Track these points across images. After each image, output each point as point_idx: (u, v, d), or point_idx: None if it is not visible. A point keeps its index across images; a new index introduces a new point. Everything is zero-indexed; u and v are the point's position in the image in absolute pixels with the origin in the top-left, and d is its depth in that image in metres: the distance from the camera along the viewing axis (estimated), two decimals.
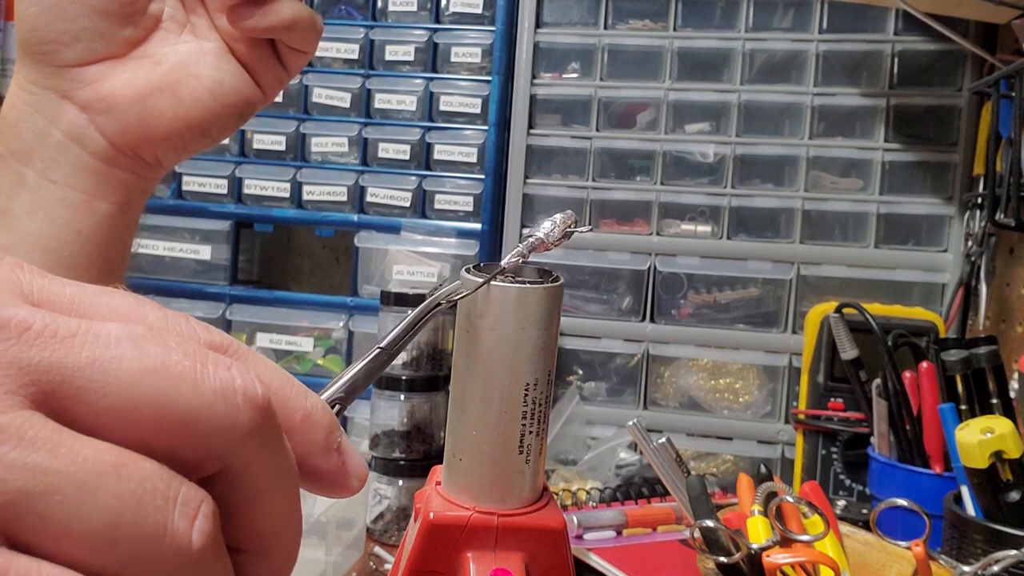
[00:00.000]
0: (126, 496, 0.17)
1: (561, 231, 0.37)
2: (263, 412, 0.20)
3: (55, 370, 0.17)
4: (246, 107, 0.44)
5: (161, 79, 0.42)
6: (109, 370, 0.18)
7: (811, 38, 1.14)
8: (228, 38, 0.43)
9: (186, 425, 0.19)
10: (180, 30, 0.43)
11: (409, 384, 1.00)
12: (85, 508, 0.17)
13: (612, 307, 1.19)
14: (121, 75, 0.42)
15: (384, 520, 0.97)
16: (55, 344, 0.18)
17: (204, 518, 0.18)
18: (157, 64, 0.42)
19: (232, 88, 0.43)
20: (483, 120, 1.21)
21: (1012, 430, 0.69)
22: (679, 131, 1.17)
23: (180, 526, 0.18)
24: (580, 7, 1.20)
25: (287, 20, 0.42)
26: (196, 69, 0.42)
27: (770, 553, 0.56)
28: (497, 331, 0.36)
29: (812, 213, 1.14)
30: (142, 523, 0.17)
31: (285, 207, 1.26)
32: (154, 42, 0.43)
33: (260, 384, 0.20)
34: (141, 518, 0.17)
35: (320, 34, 0.44)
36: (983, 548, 0.68)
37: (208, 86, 0.42)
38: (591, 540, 0.81)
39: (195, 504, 0.18)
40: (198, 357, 0.19)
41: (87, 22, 0.41)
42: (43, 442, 0.17)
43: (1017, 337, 1.01)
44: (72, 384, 0.18)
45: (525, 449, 0.37)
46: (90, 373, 0.18)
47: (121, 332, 0.18)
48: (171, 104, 0.42)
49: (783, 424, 1.13)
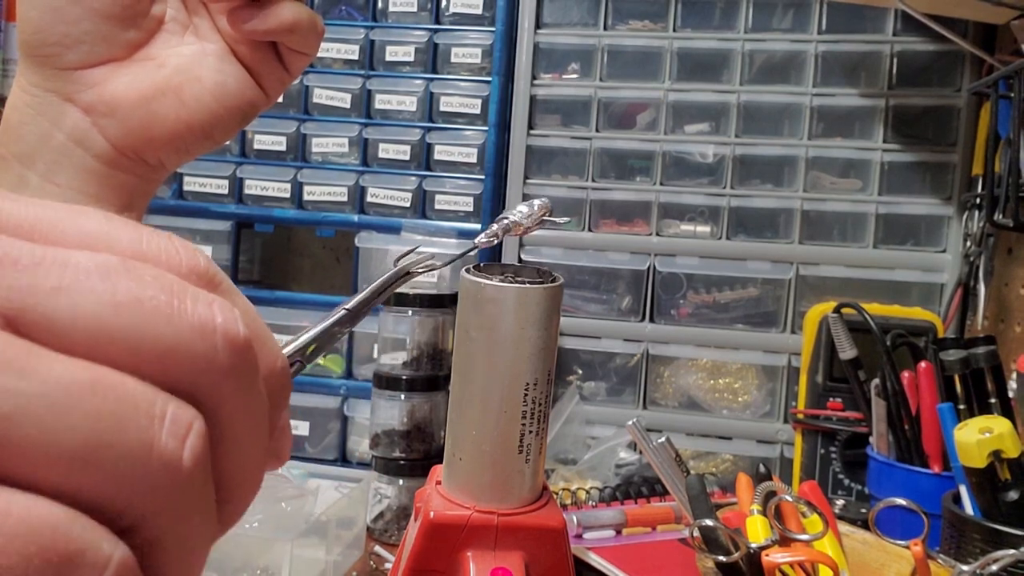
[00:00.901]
0: (104, 414, 0.16)
1: (537, 218, 0.37)
2: (242, 353, 0.19)
3: (16, 298, 0.16)
4: (249, 109, 0.44)
5: (164, 81, 0.42)
6: (77, 301, 0.17)
7: (810, 39, 1.14)
8: (230, 40, 0.43)
9: (161, 360, 0.17)
10: (183, 32, 0.44)
11: (409, 384, 1.00)
12: (58, 429, 0.16)
13: (612, 307, 1.19)
14: (124, 78, 0.42)
15: (384, 519, 0.97)
16: (15, 273, 0.16)
17: (196, 436, 0.17)
18: (160, 66, 0.42)
19: (234, 90, 0.43)
20: (483, 121, 1.21)
21: (1010, 430, 0.69)
22: (679, 131, 1.17)
23: (169, 445, 0.17)
24: (580, 8, 1.20)
25: (287, 23, 0.42)
26: (199, 71, 0.42)
27: (769, 552, 0.56)
28: (497, 331, 0.36)
29: (811, 213, 1.14)
30: (124, 442, 0.16)
31: (286, 207, 1.26)
32: (157, 44, 0.43)
33: (243, 324, 0.19)
34: (123, 437, 0.16)
35: (321, 35, 0.44)
36: (981, 547, 0.68)
37: (210, 88, 0.42)
38: (591, 539, 0.81)
39: (185, 422, 0.17)
40: (175, 291, 0.18)
41: (89, 25, 0.41)
42: (9, 362, 0.16)
43: (1015, 337, 1.01)
44: (36, 311, 0.16)
45: (525, 449, 0.37)
46: (55, 302, 0.17)
47: (91, 263, 0.17)
48: (174, 106, 0.42)
49: (782, 424, 1.13)
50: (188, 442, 0.17)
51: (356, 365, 1.22)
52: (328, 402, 1.20)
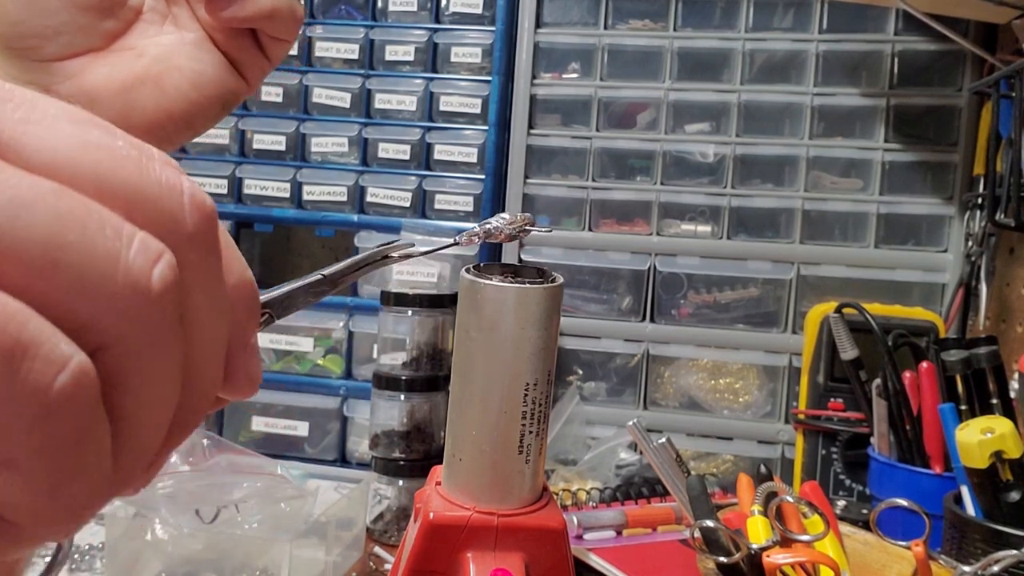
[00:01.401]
0: (67, 216, 0.16)
1: (519, 226, 0.37)
2: (208, 221, 0.18)
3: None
4: (229, 97, 0.44)
5: (143, 71, 0.42)
6: (44, 134, 0.16)
7: (811, 38, 1.14)
8: (209, 28, 0.43)
9: (128, 204, 0.17)
10: (161, 22, 0.43)
11: (409, 384, 1.00)
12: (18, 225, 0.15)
13: (612, 307, 1.19)
14: (103, 68, 0.41)
15: (384, 520, 0.97)
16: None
17: (166, 264, 0.17)
18: (139, 56, 0.42)
19: (214, 79, 0.43)
20: (483, 120, 1.21)
21: (1012, 430, 0.69)
22: (679, 131, 1.17)
23: (136, 262, 0.16)
24: (580, 7, 1.20)
25: (265, 9, 0.42)
26: (178, 60, 0.42)
27: (770, 553, 0.56)
28: (497, 331, 0.36)
29: (812, 213, 1.14)
30: (88, 250, 0.16)
31: (285, 207, 1.26)
32: (135, 34, 0.43)
33: (209, 198, 0.19)
34: (88, 242, 0.16)
35: (300, 22, 0.44)
36: (983, 548, 0.68)
37: (190, 77, 0.42)
38: (591, 540, 0.81)
39: (156, 251, 0.17)
40: (145, 151, 0.18)
41: (68, 16, 0.40)
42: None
43: (1017, 337, 1.01)
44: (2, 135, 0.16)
45: (525, 449, 0.37)
46: (23, 129, 0.16)
47: (60, 111, 0.17)
48: (154, 96, 0.41)
49: (783, 424, 1.13)
50: (157, 267, 0.17)
51: (356, 365, 1.21)
52: (328, 402, 1.20)
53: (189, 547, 0.75)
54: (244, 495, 0.82)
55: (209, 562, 0.75)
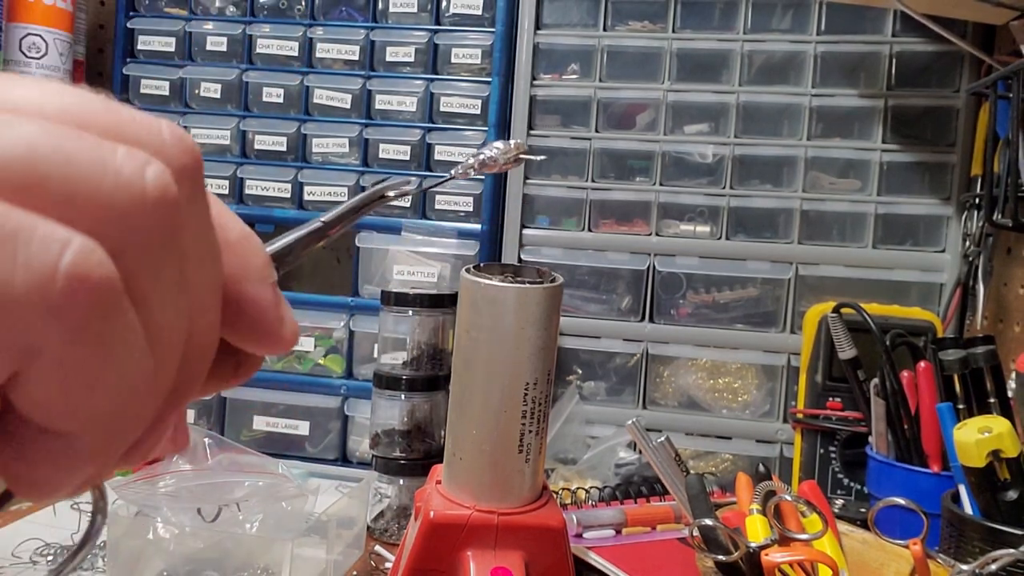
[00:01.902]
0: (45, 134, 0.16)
1: (513, 155, 0.37)
2: (191, 152, 0.18)
3: None
4: None
5: None
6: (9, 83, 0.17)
7: (809, 39, 1.14)
8: None
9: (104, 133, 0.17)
10: None
11: (409, 384, 1.00)
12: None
13: (611, 307, 1.19)
14: None
15: (385, 519, 0.98)
16: None
17: (159, 169, 0.16)
18: None
19: None
20: (483, 121, 1.21)
21: (1009, 429, 0.69)
22: (678, 132, 1.18)
23: (126, 166, 0.16)
24: (580, 8, 1.20)
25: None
26: None
27: (769, 552, 0.57)
28: (497, 331, 0.36)
29: (810, 213, 1.14)
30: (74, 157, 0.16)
31: (286, 207, 1.26)
32: None
33: (190, 136, 0.18)
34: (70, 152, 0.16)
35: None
36: (981, 547, 0.68)
37: None
38: (590, 539, 0.81)
39: (143, 157, 0.17)
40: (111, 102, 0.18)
41: None
42: None
43: (1015, 337, 1.01)
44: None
45: (525, 448, 0.37)
46: None
47: None
48: None
49: (782, 423, 1.14)
50: (150, 168, 0.16)
51: (356, 365, 1.22)
52: (328, 402, 1.20)
53: (191, 546, 0.75)
54: (245, 494, 0.82)
55: (211, 561, 0.75)
